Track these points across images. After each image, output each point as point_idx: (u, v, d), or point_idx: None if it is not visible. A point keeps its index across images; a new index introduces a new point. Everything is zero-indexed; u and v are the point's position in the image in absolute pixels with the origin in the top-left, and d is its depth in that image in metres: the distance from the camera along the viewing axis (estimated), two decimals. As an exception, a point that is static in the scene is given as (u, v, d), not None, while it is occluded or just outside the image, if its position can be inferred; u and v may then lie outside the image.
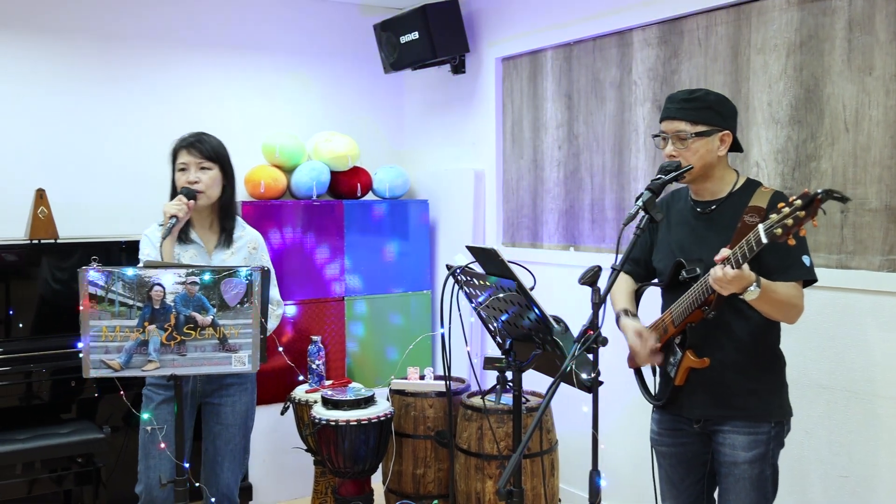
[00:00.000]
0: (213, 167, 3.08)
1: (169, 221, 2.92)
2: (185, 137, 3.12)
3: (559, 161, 4.33)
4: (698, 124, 2.45)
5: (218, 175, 3.10)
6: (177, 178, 3.09)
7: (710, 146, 2.47)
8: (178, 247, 3.06)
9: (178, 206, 2.95)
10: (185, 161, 3.07)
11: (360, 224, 4.76)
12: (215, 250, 3.14)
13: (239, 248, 3.18)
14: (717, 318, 2.44)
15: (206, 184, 3.05)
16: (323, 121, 5.13)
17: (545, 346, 2.56)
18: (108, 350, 2.52)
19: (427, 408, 3.95)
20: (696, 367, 2.50)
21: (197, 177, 3.05)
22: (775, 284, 2.33)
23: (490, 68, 4.71)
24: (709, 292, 2.36)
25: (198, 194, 3.03)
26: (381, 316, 4.84)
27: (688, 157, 2.46)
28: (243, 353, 2.61)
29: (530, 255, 4.42)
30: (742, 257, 2.21)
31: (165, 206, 2.97)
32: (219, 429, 3.16)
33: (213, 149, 3.11)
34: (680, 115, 2.47)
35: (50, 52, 4.36)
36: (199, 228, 3.14)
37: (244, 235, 3.22)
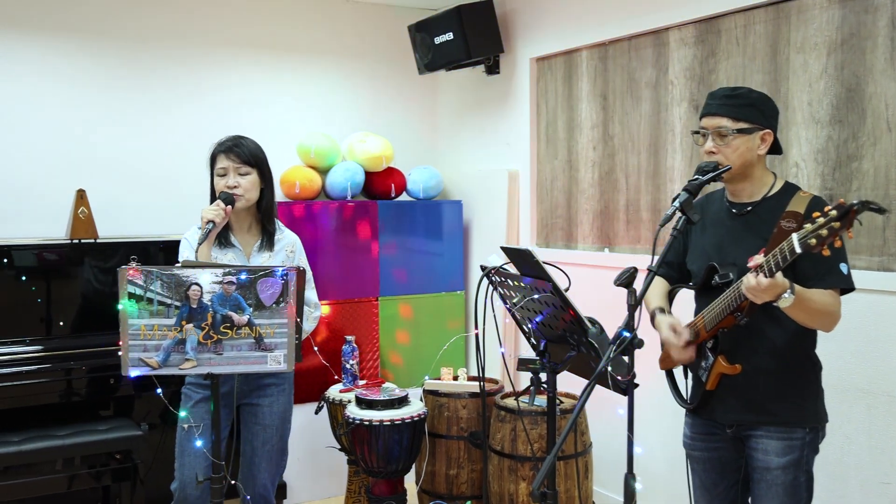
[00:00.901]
0: (251, 171, 3.10)
1: (206, 226, 2.94)
2: (224, 142, 3.13)
3: (594, 161, 4.31)
4: (740, 121, 2.42)
5: (256, 179, 3.12)
6: (216, 182, 3.11)
7: (750, 144, 2.44)
8: (218, 251, 3.09)
9: (215, 212, 2.97)
10: (223, 166, 3.09)
11: (394, 225, 4.77)
12: (254, 254, 3.16)
13: (277, 252, 3.20)
14: (751, 324, 2.40)
15: (244, 188, 3.07)
16: (357, 122, 5.16)
17: (580, 348, 2.55)
18: (147, 348, 2.55)
19: (460, 408, 3.95)
20: (728, 373, 2.47)
21: (236, 181, 3.06)
22: (810, 292, 2.29)
23: (524, 68, 4.69)
24: (741, 299, 2.33)
25: (236, 199, 3.05)
26: (415, 316, 4.85)
27: (727, 155, 2.43)
28: (279, 353, 2.62)
29: (564, 256, 4.40)
30: (776, 266, 2.17)
31: (203, 211, 2.99)
32: (257, 429, 3.18)
33: (252, 153, 3.12)
34: (722, 111, 2.44)
35: (90, 55, 4.43)
36: (238, 232, 3.17)
37: (282, 239, 3.24)
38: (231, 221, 3.12)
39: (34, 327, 3.95)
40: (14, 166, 4.26)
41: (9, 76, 4.25)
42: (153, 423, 4.05)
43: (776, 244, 2.19)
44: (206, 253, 2.96)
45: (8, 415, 3.77)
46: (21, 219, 4.26)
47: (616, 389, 2.36)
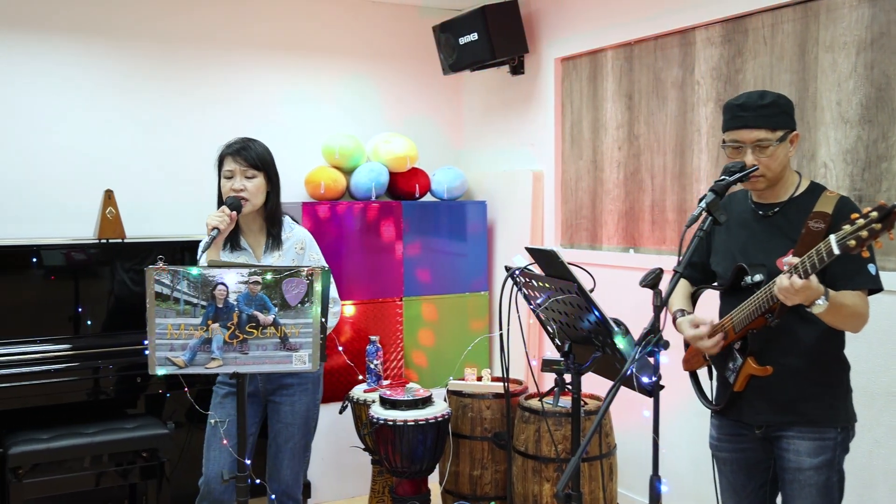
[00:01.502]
0: (258, 175, 3.10)
1: (211, 233, 2.94)
2: (231, 144, 3.13)
3: (619, 162, 4.29)
4: (777, 130, 2.41)
5: (263, 183, 3.12)
6: (222, 184, 3.12)
7: (786, 150, 2.43)
8: (229, 254, 3.10)
9: (219, 218, 2.97)
10: (230, 168, 3.09)
11: (419, 225, 4.78)
12: (264, 255, 3.17)
13: (286, 251, 3.21)
14: (781, 325, 2.38)
15: (250, 192, 3.08)
16: (382, 122, 5.17)
17: (605, 349, 2.54)
18: (174, 347, 2.57)
19: (484, 409, 3.94)
20: (758, 374, 2.45)
21: (242, 184, 3.07)
22: (842, 296, 2.27)
23: (549, 69, 4.68)
24: (773, 300, 2.31)
25: (243, 203, 3.06)
26: (440, 316, 4.85)
27: (770, 165, 2.41)
28: (304, 352, 2.63)
29: (589, 256, 4.38)
30: (811, 267, 2.15)
31: (208, 217, 2.98)
32: (279, 427, 3.20)
33: (259, 156, 3.12)
34: (760, 122, 2.41)
35: (118, 57, 4.47)
36: (248, 234, 3.18)
37: (291, 237, 3.24)
38: (240, 224, 3.13)
39: (62, 326, 4.00)
40: (43, 167, 4.32)
41: (37, 77, 4.30)
42: (179, 421, 4.08)
43: (805, 245, 2.17)
44: (213, 258, 2.98)
45: (37, 413, 3.82)
46: (50, 219, 4.32)
47: (641, 391, 2.35)
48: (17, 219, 4.26)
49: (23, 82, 4.27)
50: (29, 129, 4.29)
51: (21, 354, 3.82)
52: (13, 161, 4.26)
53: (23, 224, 4.27)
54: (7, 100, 4.24)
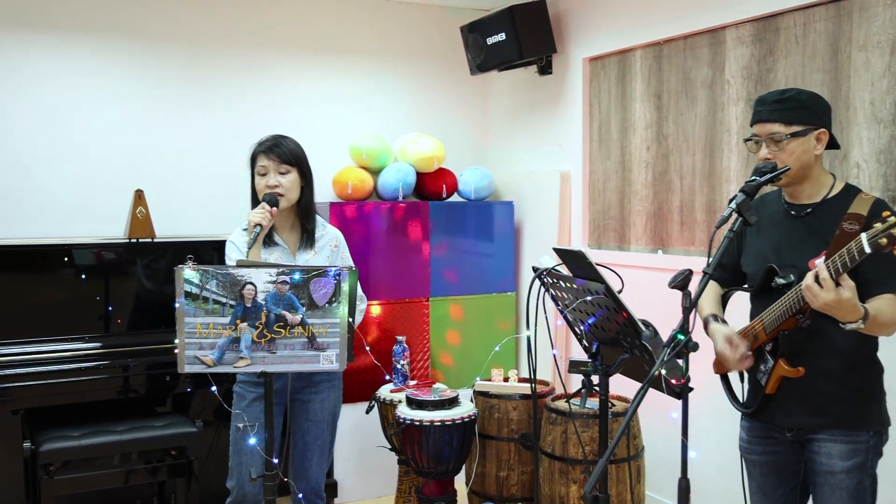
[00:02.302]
0: (291, 170, 3.13)
1: (254, 230, 2.97)
2: (264, 141, 3.17)
3: (647, 162, 4.27)
4: (793, 125, 2.38)
5: (296, 178, 3.15)
6: (256, 181, 3.15)
7: (806, 146, 2.40)
8: (264, 250, 3.13)
9: (261, 215, 3.00)
10: (264, 165, 3.12)
11: (446, 225, 4.79)
12: (299, 251, 3.19)
13: (321, 248, 3.23)
14: (813, 326, 2.36)
15: (285, 187, 3.11)
16: (409, 122, 5.18)
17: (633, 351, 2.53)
18: (202, 346, 2.59)
19: (511, 410, 3.94)
20: (790, 376, 2.43)
21: (276, 181, 3.10)
22: (879, 309, 2.24)
23: (577, 69, 4.67)
24: (804, 301, 2.29)
25: (280, 199, 3.09)
26: (466, 317, 4.85)
27: (784, 160, 2.40)
28: (331, 352, 2.65)
29: (617, 257, 4.36)
30: (843, 266, 2.13)
31: (250, 215, 3.02)
32: (308, 425, 3.22)
33: (292, 152, 3.15)
34: (773, 116, 2.40)
35: (147, 57, 4.52)
36: (281, 231, 3.20)
37: (325, 234, 3.27)
38: (275, 221, 3.16)
39: (93, 325, 4.05)
40: (75, 168, 4.37)
41: (68, 78, 4.36)
42: (207, 420, 4.12)
43: (838, 246, 2.15)
44: (256, 256, 3.00)
45: (68, 410, 3.88)
46: (81, 219, 4.37)
47: (670, 393, 2.34)
48: (50, 219, 4.32)
49: (54, 83, 4.33)
50: (61, 129, 4.35)
51: (52, 352, 3.87)
52: (46, 161, 4.32)
53: (55, 224, 4.33)
54: (39, 100, 4.31)
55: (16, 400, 3.72)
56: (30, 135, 4.29)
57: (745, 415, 2.65)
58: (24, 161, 4.28)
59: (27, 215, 4.28)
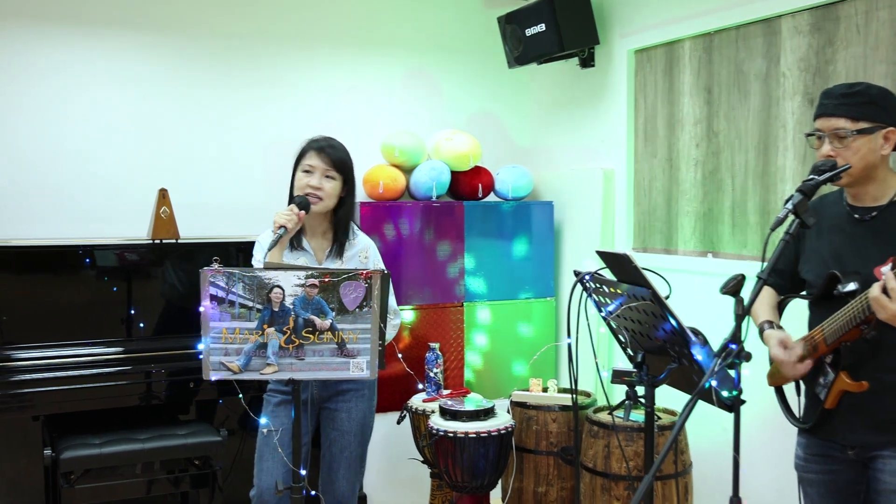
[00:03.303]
0: (337, 177, 3.16)
1: (277, 231, 2.99)
2: (317, 139, 3.20)
3: (696, 160, 4.23)
4: (860, 121, 2.34)
5: (339, 186, 3.17)
6: (298, 177, 3.17)
7: (872, 145, 2.35)
8: (289, 254, 3.15)
9: (287, 217, 3.02)
10: (312, 164, 3.14)
11: (482, 226, 4.78)
12: (326, 260, 3.20)
13: (350, 258, 3.24)
14: (879, 337, 2.32)
15: (326, 192, 3.13)
16: (444, 119, 5.19)
17: (681, 361, 2.51)
18: (228, 352, 2.62)
19: (550, 422, 3.92)
20: (852, 390, 2.39)
21: (321, 183, 3.12)
22: None
23: (622, 61, 4.64)
24: (869, 310, 2.25)
25: (312, 204, 3.10)
26: (503, 323, 4.84)
27: (847, 157, 2.36)
28: (361, 359, 2.65)
29: (664, 261, 4.33)
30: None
31: (276, 215, 3.04)
32: (335, 435, 3.23)
33: (342, 158, 3.19)
34: (839, 111, 2.36)
35: (172, 53, 4.57)
36: (310, 236, 3.22)
37: (356, 244, 3.28)
38: (305, 224, 3.17)
39: (115, 329, 4.10)
40: (98, 166, 4.43)
41: (90, 72, 4.42)
42: (232, 428, 4.15)
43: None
44: (276, 258, 3.02)
45: (89, 416, 3.93)
46: (104, 219, 4.42)
47: (720, 406, 2.32)
48: (71, 218, 4.37)
49: (76, 79, 4.39)
50: (83, 126, 4.41)
51: (73, 357, 3.93)
52: (68, 160, 4.38)
53: (76, 224, 4.39)
54: (61, 97, 4.37)
55: (36, 406, 3.78)
56: (50, 131, 4.35)
57: (801, 431, 2.61)
58: (45, 159, 4.34)
59: (47, 215, 4.35)
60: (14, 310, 3.90)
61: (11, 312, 3.89)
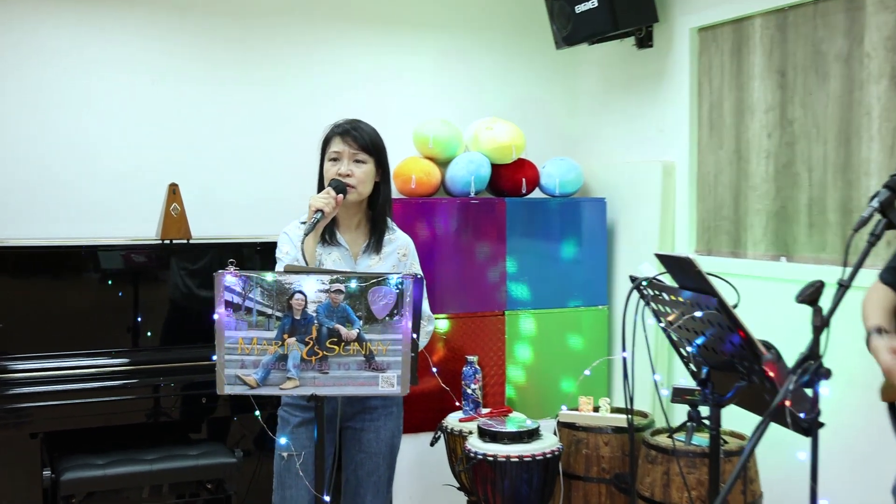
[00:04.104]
0: (368, 160, 3.17)
1: (314, 216, 3.01)
2: (340, 123, 3.22)
3: (768, 152, 4.20)
4: None
5: (372, 170, 3.19)
6: (326, 168, 3.19)
7: None
8: (321, 248, 3.16)
9: (325, 200, 3.04)
10: (338, 150, 3.16)
11: (525, 226, 4.77)
12: (361, 255, 3.22)
13: (388, 255, 3.25)
14: None
15: (359, 178, 3.14)
16: (483, 106, 5.19)
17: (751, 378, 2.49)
18: (245, 364, 2.63)
19: (602, 445, 3.91)
20: None
21: (350, 169, 3.13)
22: None
23: (683, 41, 4.62)
24: None
25: (348, 189, 3.12)
26: (549, 334, 4.83)
27: None
28: (391, 373, 2.66)
29: (731, 265, 4.30)
30: None
31: (312, 198, 3.06)
32: (361, 457, 3.24)
33: (371, 139, 3.19)
34: None
35: (184, 34, 4.61)
36: (344, 229, 3.23)
37: (394, 240, 3.29)
38: (338, 216, 3.18)
39: (120, 338, 4.14)
40: (101, 159, 4.48)
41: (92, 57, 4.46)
42: (248, 449, 4.18)
43: None
44: (311, 247, 3.03)
45: (92, 434, 3.98)
46: (108, 217, 4.47)
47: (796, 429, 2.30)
48: (73, 216, 4.43)
49: (79, 63, 4.45)
50: (86, 115, 4.46)
51: (74, 369, 3.98)
52: (68, 152, 4.43)
53: (77, 222, 4.44)
54: (61, 83, 4.42)
55: (34, 422, 3.83)
56: (50, 120, 4.41)
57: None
58: (44, 151, 4.40)
59: (46, 213, 4.40)
60: (10, 316, 3.95)
61: (7, 319, 3.95)
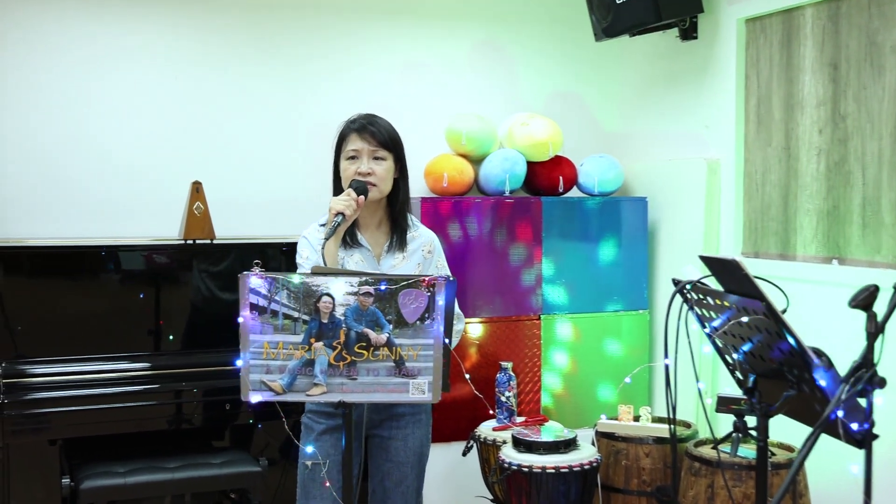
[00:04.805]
0: (387, 156, 3.18)
1: (334, 219, 3.02)
2: (356, 119, 3.23)
3: (819, 149, 4.18)
4: None
5: (392, 167, 3.20)
6: (344, 167, 3.20)
7: None
8: (342, 251, 3.17)
9: (345, 202, 3.05)
10: (356, 148, 3.18)
11: (562, 226, 4.77)
12: (385, 255, 3.23)
13: (412, 252, 3.26)
14: None
15: (379, 176, 3.15)
16: (518, 101, 5.19)
17: (800, 386, 2.48)
18: (270, 369, 2.65)
19: (643, 457, 3.90)
20: None
21: (369, 167, 3.15)
22: None
23: (730, 32, 4.60)
24: None
25: (370, 188, 3.13)
26: (587, 340, 4.83)
27: None
28: (422, 380, 2.67)
29: (780, 268, 4.28)
30: None
31: (332, 201, 3.07)
32: (388, 466, 3.25)
33: (389, 134, 3.20)
34: None
35: (207, 27, 4.65)
36: (365, 229, 3.25)
37: (418, 237, 3.30)
38: (359, 216, 3.20)
39: (140, 341, 4.19)
40: (122, 156, 4.53)
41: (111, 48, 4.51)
42: (273, 457, 4.21)
43: None
44: (332, 250, 3.05)
45: (112, 441, 4.02)
46: (129, 215, 4.52)
47: (849, 441, 2.28)
48: (92, 215, 4.48)
49: (97, 55, 4.50)
50: (105, 110, 4.51)
51: (94, 373, 4.02)
52: (87, 148, 4.49)
53: (96, 222, 4.49)
54: (79, 76, 4.48)
55: (53, 428, 3.89)
56: (67, 115, 4.46)
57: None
58: (61, 147, 4.46)
59: (64, 211, 4.46)
60: (28, 319, 4.01)
61: (25, 322, 4.00)
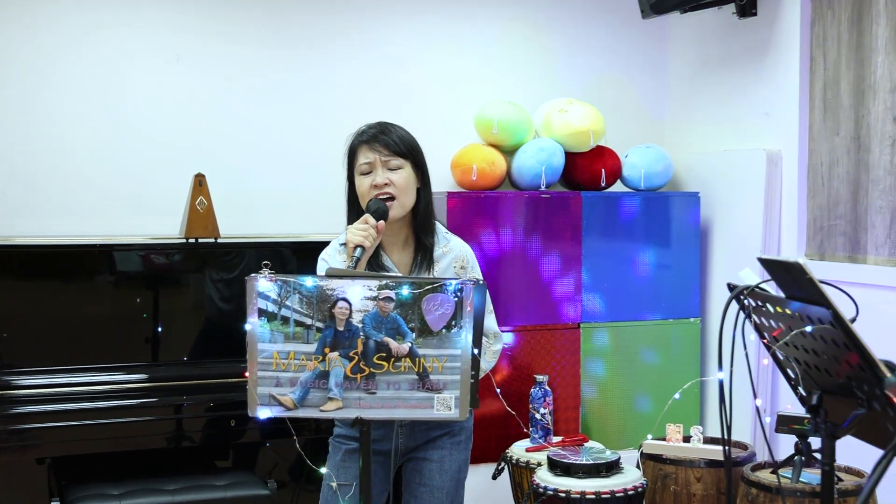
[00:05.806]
0: (404, 164, 3.16)
1: (353, 254, 3.00)
2: (364, 130, 3.21)
3: (893, 139, 4.15)
4: None
5: (411, 175, 3.18)
6: (358, 183, 3.19)
7: None
8: None
9: (363, 233, 3.02)
10: (368, 160, 3.16)
11: (604, 225, 4.76)
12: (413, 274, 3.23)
13: (443, 270, 3.25)
14: None
15: (399, 186, 3.13)
16: (556, 85, 5.18)
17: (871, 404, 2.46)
18: (280, 382, 2.65)
19: (694, 481, 3.89)
20: None
21: (386, 178, 3.13)
22: None
23: (793, 9, 4.58)
24: None
25: (389, 205, 3.12)
26: (631, 351, 4.81)
27: None
28: (448, 394, 2.66)
29: (848, 272, 4.25)
30: None
31: (348, 233, 3.05)
32: (422, 491, 3.25)
33: (403, 139, 3.19)
34: None
35: (210, 9, 4.67)
36: (391, 249, 3.24)
37: (448, 252, 3.28)
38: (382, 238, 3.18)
39: (138, 350, 4.20)
40: (120, 148, 4.56)
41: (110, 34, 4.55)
42: (282, 479, 4.21)
43: None
44: None
45: (106, 460, 4.04)
46: (126, 212, 4.55)
47: (925, 465, 2.26)
48: (87, 212, 4.51)
49: (93, 42, 4.52)
50: (102, 99, 4.54)
51: (85, 385, 4.03)
52: (84, 142, 4.52)
53: (91, 218, 4.52)
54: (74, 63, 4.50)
55: (41, 446, 3.90)
56: (61, 105, 4.49)
57: None
58: (54, 139, 4.49)
59: (56, 207, 4.49)
60: (15, 325, 4.03)
61: (12, 328, 4.03)
